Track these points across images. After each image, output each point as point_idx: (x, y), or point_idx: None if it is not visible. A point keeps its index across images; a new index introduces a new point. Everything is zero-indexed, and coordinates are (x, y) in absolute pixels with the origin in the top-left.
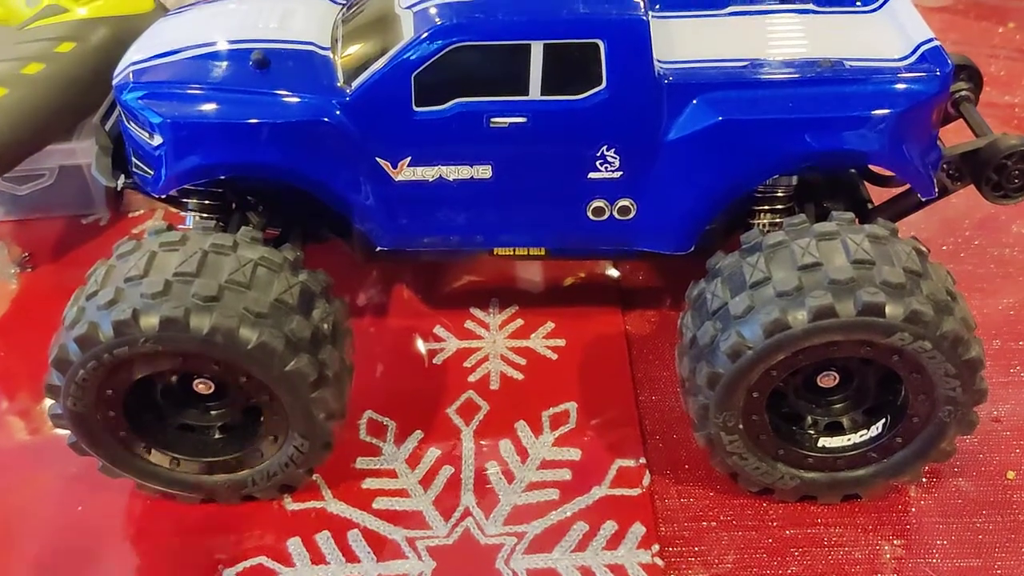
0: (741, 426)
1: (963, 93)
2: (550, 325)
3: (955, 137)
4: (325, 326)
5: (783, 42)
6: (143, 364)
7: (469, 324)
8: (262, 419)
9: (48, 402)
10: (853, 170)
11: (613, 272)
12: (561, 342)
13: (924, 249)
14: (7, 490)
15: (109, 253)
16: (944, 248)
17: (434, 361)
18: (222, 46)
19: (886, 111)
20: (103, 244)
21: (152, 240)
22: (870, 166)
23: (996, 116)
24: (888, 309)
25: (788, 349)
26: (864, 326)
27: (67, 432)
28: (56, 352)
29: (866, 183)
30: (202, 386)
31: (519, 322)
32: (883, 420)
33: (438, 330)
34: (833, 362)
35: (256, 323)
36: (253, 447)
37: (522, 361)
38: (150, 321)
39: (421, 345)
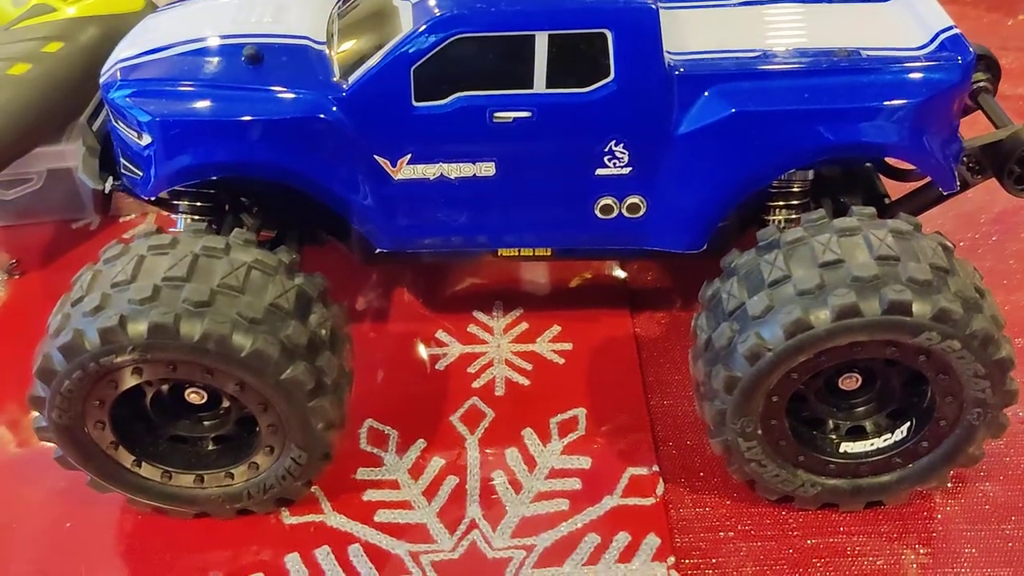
0: (760, 431)
1: (981, 83)
2: (556, 328)
3: (969, 129)
4: (323, 332)
5: (796, 32)
6: (131, 373)
7: (472, 328)
8: (257, 429)
9: (34, 414)
10: (869, 164)
11: (620, 272)
12: (568, 346)
13: (949, 244)
14: None
15: (98, 259)
16: (961, 244)
17: (436, 367)
18: (213, 41)
19: (905, 101)
20: (93, 249)
21: (140, 243)
22: (887, 159)
23: (1008, 108)
24: (915, 307)
25: (810, 350)
26: (890, 325)
27: (53, 445)
28: (40, 362)
29: (882, 177)
30: (194, 396)
31: (524, 326)
32: (908, 424)
33: (440, 335)
34: (856, 363)
35: (250, 329)
36: (248, 459)
37: (528, 366)
38: (138, 328)
39: (423, 350)
